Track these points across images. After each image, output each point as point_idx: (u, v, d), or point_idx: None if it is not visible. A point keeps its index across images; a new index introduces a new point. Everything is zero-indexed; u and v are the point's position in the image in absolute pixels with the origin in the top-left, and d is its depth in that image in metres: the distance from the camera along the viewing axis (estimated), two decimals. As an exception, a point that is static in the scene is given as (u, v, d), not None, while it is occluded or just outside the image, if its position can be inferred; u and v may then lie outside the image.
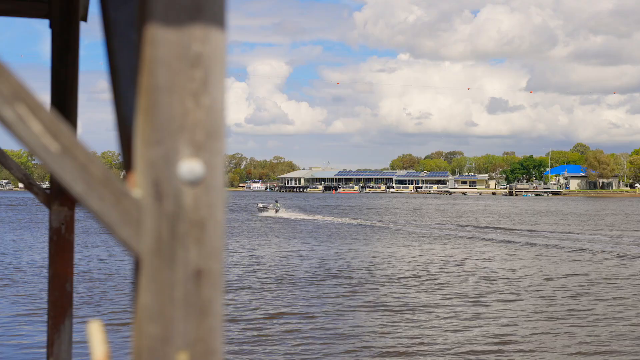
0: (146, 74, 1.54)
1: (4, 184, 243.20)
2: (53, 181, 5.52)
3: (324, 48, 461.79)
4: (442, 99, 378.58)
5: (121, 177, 1.68)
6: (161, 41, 1.54)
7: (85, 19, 5.85)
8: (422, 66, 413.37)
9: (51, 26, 5.08)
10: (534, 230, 52.39)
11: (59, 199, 5.56)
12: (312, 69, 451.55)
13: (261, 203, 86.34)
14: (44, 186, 6.23)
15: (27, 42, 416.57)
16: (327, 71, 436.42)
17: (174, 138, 1.55)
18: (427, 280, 25.73)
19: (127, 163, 1.68)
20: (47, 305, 5.68)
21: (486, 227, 55.84)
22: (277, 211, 76.75)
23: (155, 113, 1.53)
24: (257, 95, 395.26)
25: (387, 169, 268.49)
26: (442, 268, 29.29)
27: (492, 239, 44.08)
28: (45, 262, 19.04)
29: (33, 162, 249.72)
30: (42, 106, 1.49)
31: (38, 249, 36.41)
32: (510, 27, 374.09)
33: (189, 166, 1.55)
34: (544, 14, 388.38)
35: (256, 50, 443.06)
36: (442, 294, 22.56)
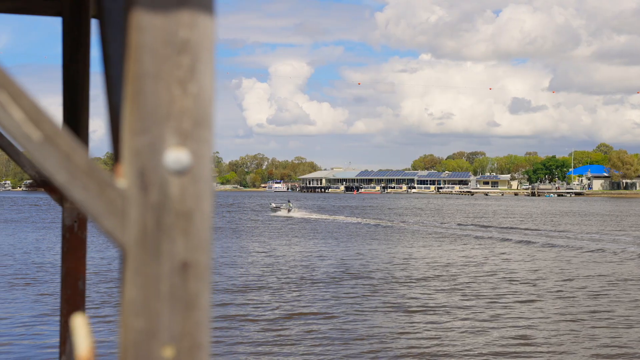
0: (132, 60, 1.50)
1: (4, 185, 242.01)
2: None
3: (345, 48, 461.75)
4: (464, 99, 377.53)
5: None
6: (147, 27, 1.49)
7: (99, 17, 5.82)
8: (444, 66, 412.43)
9: (63, 23, 5.07)
10: (555, 231, 52.04)
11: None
12: (334, 70, 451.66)
13: (274, 203, 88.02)
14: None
15: (51, 43, 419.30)
16: (348, 71, 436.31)
17: (160, 126, 1.50)
18: (447, 280, 25.61)
19: (116, 153, 1.64)
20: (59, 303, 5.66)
21: (508, 228, 55.54)
22: (289, 211, 78.39)
23: (141, 101, 1.49)
24: (279, 95, 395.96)
25: (409, 170, 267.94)
26: (462, 269, 29.15)
27: (513, 240, 43.83)
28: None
29: None
30: (24, 94, 1.46)
31: (59, 249, 36.61)
32: (533, 27, 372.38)
33: (176, 155, 1.51)
34: (567, 13, 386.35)
35: (277, 51, 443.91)
36: (462, 295, 22.44)
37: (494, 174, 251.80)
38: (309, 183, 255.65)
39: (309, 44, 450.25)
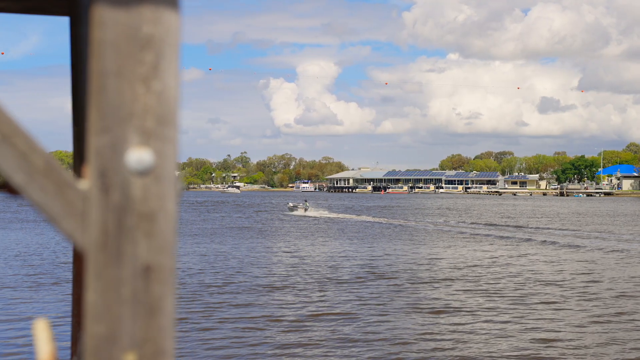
0: (95, 57, 1.45)
1: None
2: (77, 176, 5.48)
3: (372, 48, 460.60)
4: (492, 99, 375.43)
5: None
6: (109, 22, 1.45)
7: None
8: (472, 66, 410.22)
9: (71, 23, 5.05)
10: (583, 232, 51.56)
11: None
12: (361, 70, 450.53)
13: (291, 202, 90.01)
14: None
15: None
16: (375, 71, 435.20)
17: (122, 125, 1.46)
18: (471, 281, 25.43)
19: (80, 154, 1.59)
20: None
21: (534, 228, 55.11)
22: (306, 210, 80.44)
23: (102, 99, 1.45)
24: (306, 95, 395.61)
25: (436, 170, 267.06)
26: (487, 269, 28.94)
27: (540, 240, 43.46)
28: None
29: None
30: (-19, 92, 1.41)
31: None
32: (562, 26, 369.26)
33: (138, 155, 1.46)
34: (597, 12, 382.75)
35: (305, 51, 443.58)
36: (487, 296, 22.26)
37: (523, 174, 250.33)
38: (337, 183, 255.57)
39: (336, 44, 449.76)
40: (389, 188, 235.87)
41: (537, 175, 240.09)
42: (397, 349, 15.62)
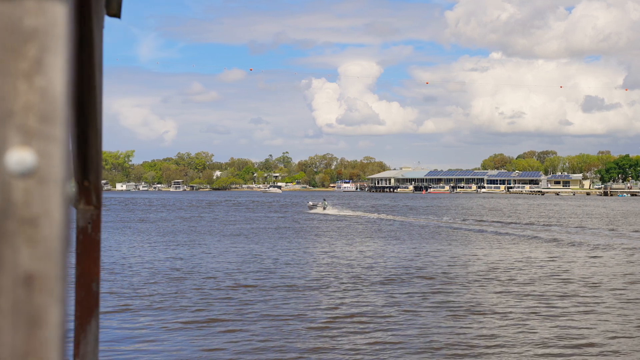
0: (-24, 52, 1.36)
1: None
2: (78, 179, 5.46)
3: (414, 48, 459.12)
4: (536, 98, 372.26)
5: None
6: (-11, 14, 1.35)
7: (118, 16, 5.77)
8: (515, 65, 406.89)
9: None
10: (624, 232, 50.81)
11: (84, 197, 5.50)
12: (403, 69, 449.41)
13: (311, 202, 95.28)
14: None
15: (122, 46, 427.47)
16: (418, 71, 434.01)
17: (2, 124, 1.36)
18: (506, 282, 25.17)
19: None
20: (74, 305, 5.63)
21: (576, 227, 54.41)
22: (324, 208, 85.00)
23: (-18, 96, 1.35)
24: (348, 95, 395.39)
25: (479, 169, 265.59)
26: (522, 270, 28.64)
27: (580, 240, 42.93)
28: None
29: None
30: None
31: (121, 246, 37.11)
32: (607, 23, 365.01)
33: (19, 156, 1.36)
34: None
35: (347, 51, 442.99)
36: (521, 296, 22.00)
37: (566, 173, 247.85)
38: (378, 183, 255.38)
39: (378, 43, 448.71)
40: (430, 188, 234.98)
41: (581, 174, 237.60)
42: (429, 346, 15.48)
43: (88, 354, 5.76)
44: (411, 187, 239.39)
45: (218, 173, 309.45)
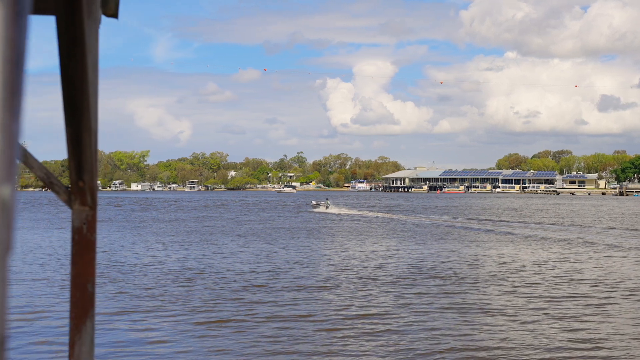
0: None
1: None
2: (73, 180, 5.43)
3: (429, 47, 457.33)
4: (551, 97, 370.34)
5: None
6: None
7: (116, 16, 5.74)
8: (530, 64, 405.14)
9: (57, 22, 4.98)
10: (636, 231, 50.57)
11: (80, 198, 5.47)
12: (418, 69, 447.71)
13: (314, 201, 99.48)
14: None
15: (137, 46, 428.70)
16: (432, 70, 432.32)
17: None
18: (518, 282, 25.05)
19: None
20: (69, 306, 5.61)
21: (588, 227, 54.13)
22: (327, 207, 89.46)
23: None
24: (363, 95, 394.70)
25: (493, 169, 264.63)
26: (535, 270, 28.49)
27: (594, 240, 42.71)
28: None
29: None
30: None
31: (127, 247, 37.17)
32: (622, 22, 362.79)
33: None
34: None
35: (362, 51, 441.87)
36: (533, 297, 21.89)
37: (581, 173, 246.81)
38: (392, 183, 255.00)
39: (393, 43, 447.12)
40: (445, 187, 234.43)
41: (596, 174, 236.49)
42: (441, 347, 15.42)
43: (83, 355, 5.72)
44: (426, 187, 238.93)
45: (233, 173, 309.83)
